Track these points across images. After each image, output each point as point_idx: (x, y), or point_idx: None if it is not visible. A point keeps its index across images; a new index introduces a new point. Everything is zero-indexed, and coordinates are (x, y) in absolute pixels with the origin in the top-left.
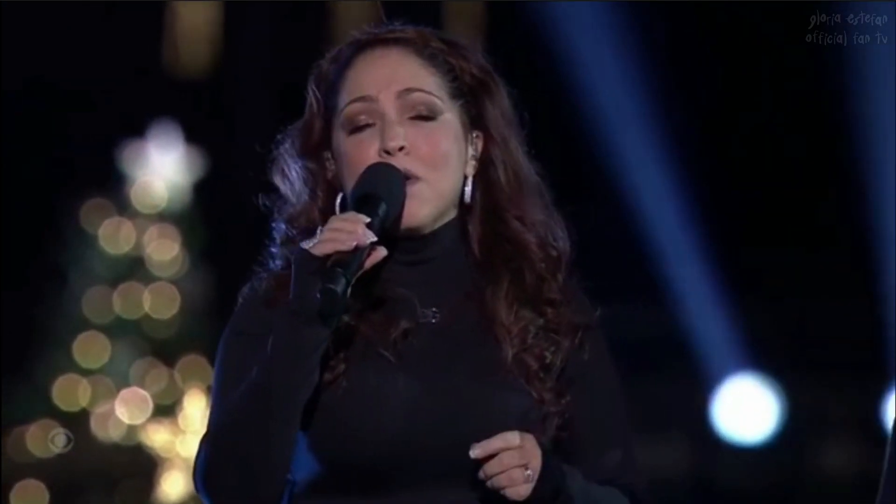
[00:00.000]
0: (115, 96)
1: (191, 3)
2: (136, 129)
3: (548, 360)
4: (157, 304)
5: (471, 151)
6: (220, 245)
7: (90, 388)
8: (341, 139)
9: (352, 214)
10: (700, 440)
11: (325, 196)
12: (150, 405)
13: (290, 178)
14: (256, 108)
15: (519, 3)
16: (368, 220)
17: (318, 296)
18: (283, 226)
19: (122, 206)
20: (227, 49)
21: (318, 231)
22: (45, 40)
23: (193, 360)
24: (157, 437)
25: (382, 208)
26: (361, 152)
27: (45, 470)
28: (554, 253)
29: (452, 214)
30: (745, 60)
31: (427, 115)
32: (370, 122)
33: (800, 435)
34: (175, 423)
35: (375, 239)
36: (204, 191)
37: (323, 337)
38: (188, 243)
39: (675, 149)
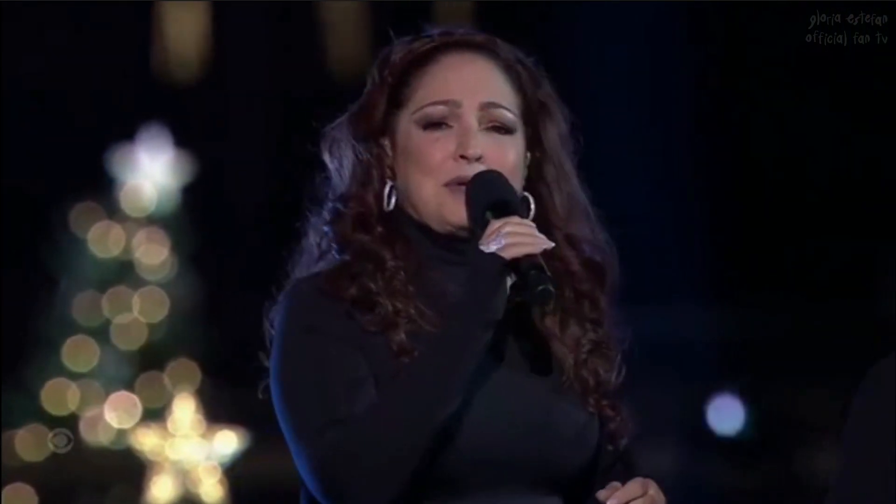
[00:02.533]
0: (104, 100)
1: (180, 6)
2: (126, 132)
3: (602, 377)
4: (147, 307)
5: (524, 171)
6: (208, 249)
7: (79, 392)
8: (412, 132)
9: (519, 219)
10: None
11: (380, 182)
12: (140, 409)
13: (344, 157)
14: (246, 111)
15: (510, 3)
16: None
17: (539, 296)
18: (335, 205)
19: (112, 209)
20: (217, 52)
21: (499, 235)
22: (33, 44)
23: (182, 364)
24: (147, 441)
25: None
26: (436, 150)
27: (34, 474)
28: (598, 272)
29: None
30: (743, 60)
31: (504, 129)
32: (448, 123)
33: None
34: (164, 428)
35: (552, 245)
36: (193, 195)
37: (490, 339)
38: (177, 247)
39: (671, 148)
